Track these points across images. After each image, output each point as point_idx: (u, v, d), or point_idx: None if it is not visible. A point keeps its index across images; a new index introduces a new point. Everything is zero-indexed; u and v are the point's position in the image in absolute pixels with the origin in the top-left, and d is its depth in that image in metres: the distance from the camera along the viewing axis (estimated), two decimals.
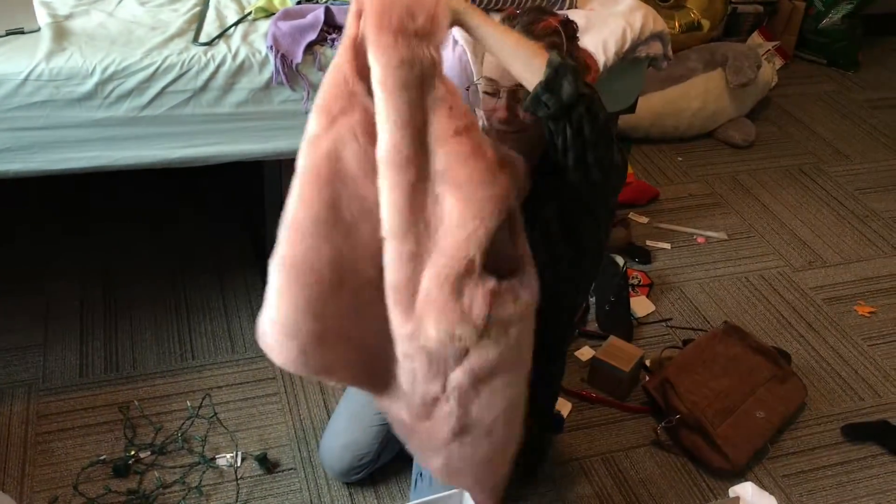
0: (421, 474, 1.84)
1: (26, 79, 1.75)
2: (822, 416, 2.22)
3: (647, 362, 2.30)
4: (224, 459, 1.96)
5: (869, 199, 3.15)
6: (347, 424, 1.87)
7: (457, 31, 1.99)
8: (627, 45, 2.14)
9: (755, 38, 3.94)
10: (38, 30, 1.87)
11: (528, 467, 1.85)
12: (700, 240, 2.85)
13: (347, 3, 2.04)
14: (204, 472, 1.93)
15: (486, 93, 1.50)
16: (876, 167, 3.37)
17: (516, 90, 1.45)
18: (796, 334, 2.48)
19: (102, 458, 1.94)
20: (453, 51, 1.99)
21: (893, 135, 3.61)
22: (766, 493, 1.87)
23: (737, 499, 1.80)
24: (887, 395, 2.30)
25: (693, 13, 3.59)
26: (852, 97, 3.90)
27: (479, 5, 2.05)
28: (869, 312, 2.59)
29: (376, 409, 1.81)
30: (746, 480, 1.98)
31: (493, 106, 1.49)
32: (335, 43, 1.95)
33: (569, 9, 2.15)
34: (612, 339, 2.26)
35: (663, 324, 2.47)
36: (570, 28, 1.49)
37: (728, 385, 2.13)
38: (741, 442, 2.04)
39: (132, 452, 1.94)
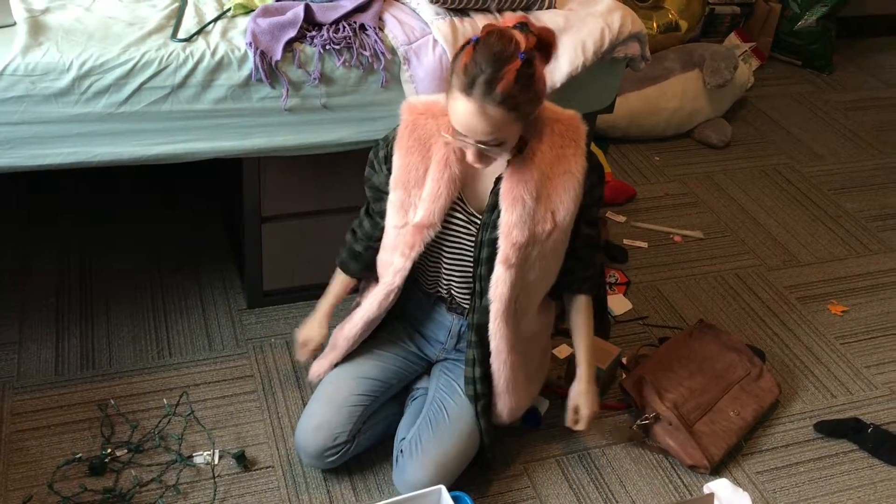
0: (402, 451, 1.86)
1: (1, 74, 1.73)
2: (796, 413, 2.25)
3: (624, 360, 2.32)
4: (201, 457, 1.96)
5: (842, 199, 3.19)
6: (320, 407, 1.88)
7: (437, 31, 2.00)
8: (606, 46, 2.15)
9: (732, 39, 3.98)
10: (14, 24, 1.84)
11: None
12: (676, 239, 2.88)
13: (327, 2, 2.04)
14: (181, 471, 1.92)
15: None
16: (849, 167, 3.41)
17: (482, 145, 1.58)
18: (770, 332, 2.51)
19: (78, 456, 1.92)
20: (434, 51, 1.99)
21: (867, 136, 3.66)
22: (741, 490, 1.90)
23: (711, 495, 1.82)
24: (859, 393, 2.33)
25: (671, 14, 3.62)
26: (827, 98, 3.95)
27: (461, 5, 2.05)
28: (842, 311, 2.62)
29: (350, 391, 1.88)
30: (721, 477, 2.01)
31: (464, 147, 1.63)
32: (314, 41, 1.95)
33: (548, 9, 2.16)
34: None
35: (640, 322, 2.50)
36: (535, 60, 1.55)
37: (703, 383, 2.16)
38: (716, 439, 2.06)
39: (108, 451, 1.93)
